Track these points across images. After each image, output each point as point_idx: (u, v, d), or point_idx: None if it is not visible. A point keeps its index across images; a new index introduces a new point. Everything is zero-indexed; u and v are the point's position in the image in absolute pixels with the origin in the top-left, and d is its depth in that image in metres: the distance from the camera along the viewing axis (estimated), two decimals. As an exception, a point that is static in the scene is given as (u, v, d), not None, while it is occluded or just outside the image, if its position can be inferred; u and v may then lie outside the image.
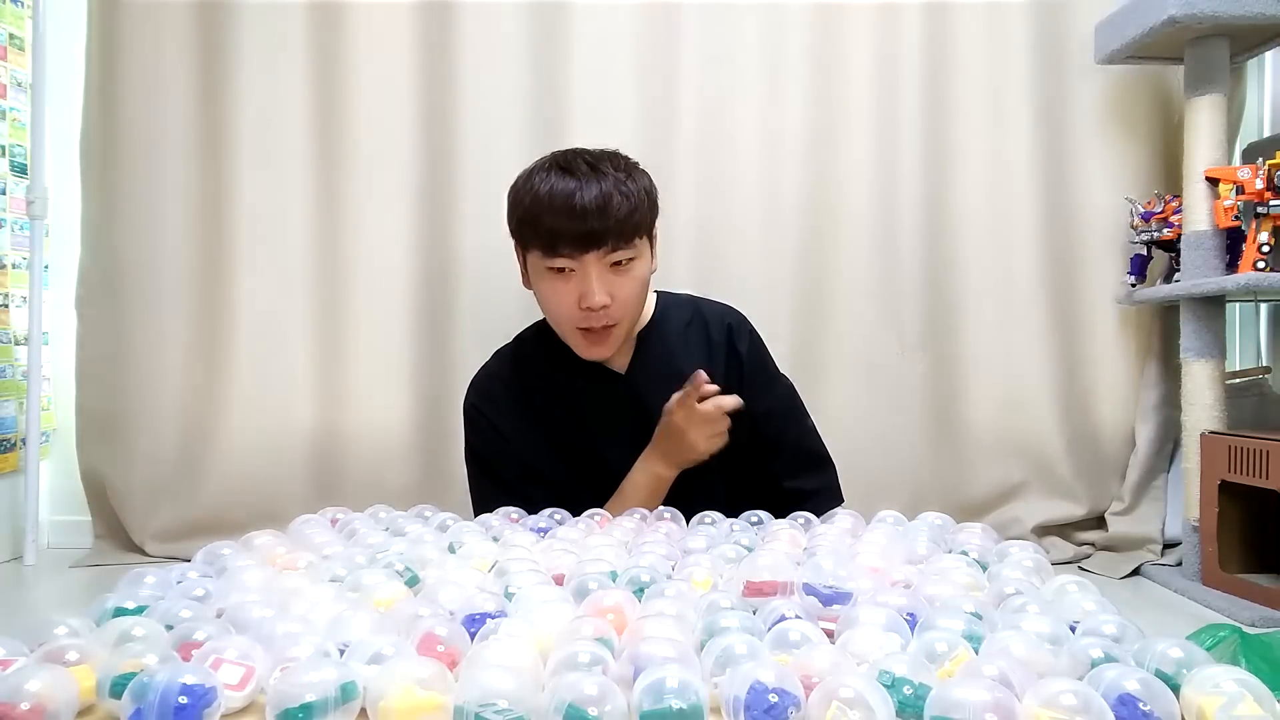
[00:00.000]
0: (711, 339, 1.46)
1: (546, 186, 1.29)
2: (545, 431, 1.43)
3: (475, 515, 1.44)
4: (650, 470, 1.37)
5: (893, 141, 1.86)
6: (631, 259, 1.32)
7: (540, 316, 1.55)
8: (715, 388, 1.31)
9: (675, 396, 1.32)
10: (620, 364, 1.45)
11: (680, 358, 1.43)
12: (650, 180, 1.37)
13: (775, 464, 1.46)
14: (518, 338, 1.54)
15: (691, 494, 1.36)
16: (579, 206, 1.25)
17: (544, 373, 1.46)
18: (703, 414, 1.31)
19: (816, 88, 1.85)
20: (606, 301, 1.30)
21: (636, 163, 1.38)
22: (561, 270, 1.31)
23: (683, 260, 1.81)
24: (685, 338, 1.46)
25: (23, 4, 1.88)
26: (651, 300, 1.48)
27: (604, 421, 1.43)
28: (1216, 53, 1.65)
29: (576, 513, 1.26)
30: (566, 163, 1.32)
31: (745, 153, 1.85)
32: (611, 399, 1.43)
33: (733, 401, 1.33)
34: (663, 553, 1.02)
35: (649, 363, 1.44)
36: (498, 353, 1.53)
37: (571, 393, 1.44)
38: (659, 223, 1.42)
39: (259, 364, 1.81)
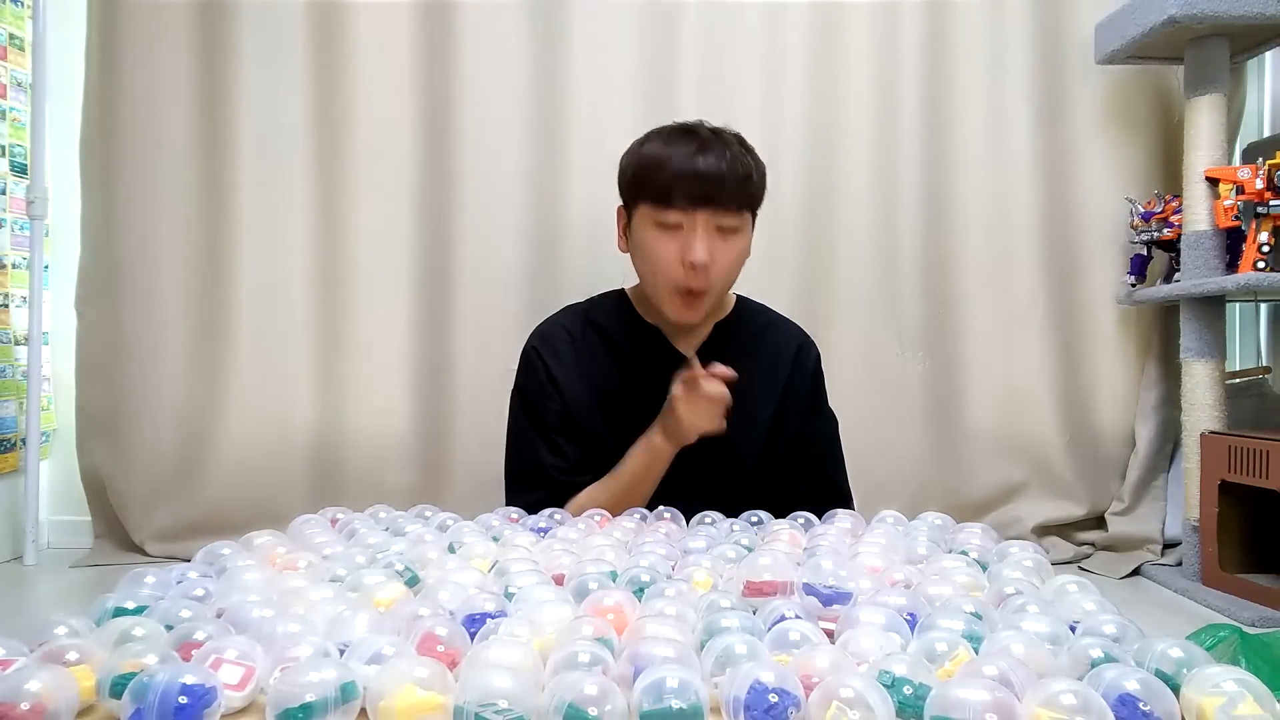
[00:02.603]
0: (780, 351, 1.48)
1: (668, 145, 1.34)
2: (596, 391, 1.43)
3: (507, 458, 1.46)
4: (649, 440, 1.37)
5: (893, 141, 1.86)
6: (737, 229, 1.35)
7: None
8: (724, 370, 1.31)
9: (680, 374, 1.32)
10: (689, 348, 1.44)
11: (748, 359, 1.43)
12: (764, 168, 1.40)
13: (800, 490, 1.45)
14: (593, 298, 1.53)
15: (720, 497, 1.35)
16: (700, 164, 1.30)
17: (612, 336, 1.46)
18: (702, 393, 1.31)
19: (816, 88, 1.85)
20: (708, 260, 1.31)
21: (753, 147, 1.41)
22: (669, 226, 1.32)
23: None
24: (755, 342, 1.47)
25: (23, 4, 1.88)
26: (731, 298, 1.50)
27: (657, 396, 1.41)
28: (1216, 53, 1.65)
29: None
30: (690, 127, 1.37)
31: (745, 153, 1.84)
32: (671, 378, 1.41)
33: (726, 371, 1.32)
34: (663, 553, 1.02)
35: (716, 354, 1.42)
36: (569, 307, 1.52)
37: (634, 361, 1.44)
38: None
39: (259, 364, 1.81)
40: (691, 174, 1.30)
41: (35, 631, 0.79)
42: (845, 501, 1.50)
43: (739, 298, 1.52)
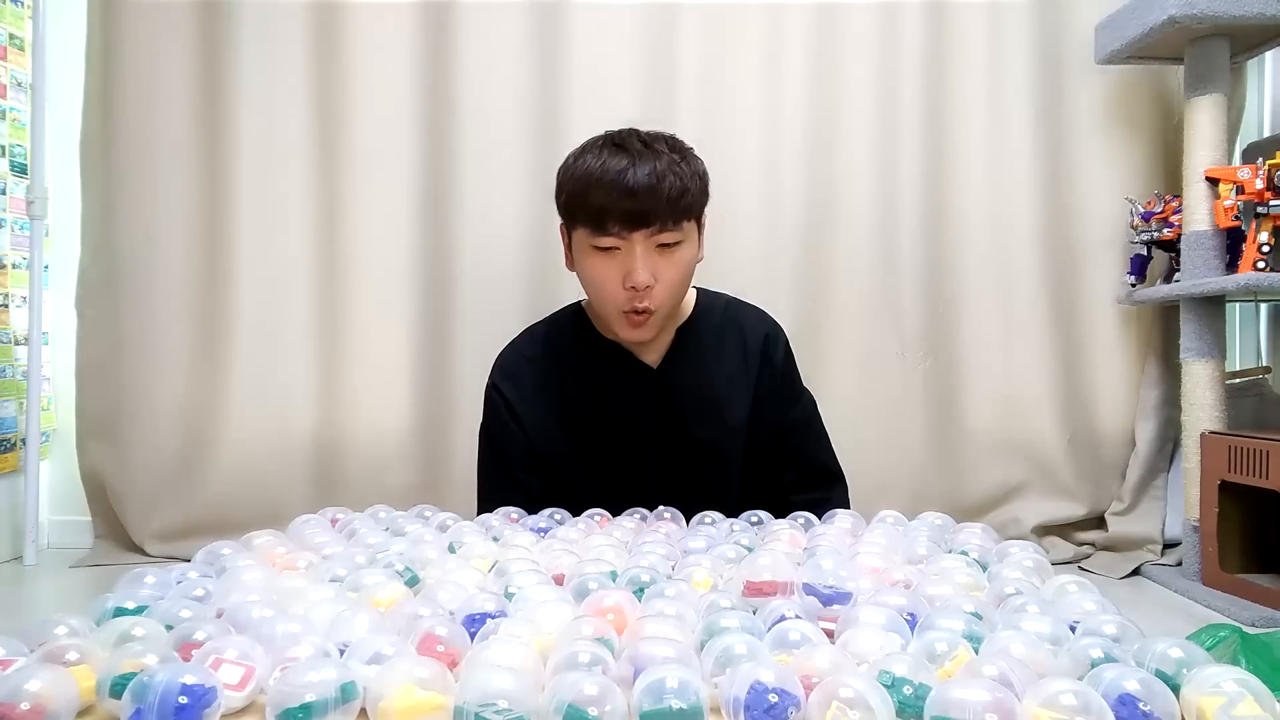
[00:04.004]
0: (747, 345, 1.44)
1: (599, 163, 1.27)
2: (563, 416, 1.41)
3: (478, 494, 1.45)
4: None
5: (893, 142, 1.86)
6: (678, 242, 1.29)
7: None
8: None
9: None
10: (653, 358, 1.42)
11: (713, 360, 1.42)
12: (704, 166, 1.34)
13: (788, 477, 1.45)
14: (551, 317, 1.50)
15: (708, 504, 1.35)
16: (630, 184, 1.23)
17: (573, 356, 1.43)
18: None
19: (816, 88, 1.85)
20: (650, 281, 1.27)
21: (691, 147, 1.35)
22: (607, 249, 1.28)
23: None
24: (720, 340, 1.44)
25: (23, 4, 1.88)
26: (691, 297, 1.46)
27: (627, 413, 1.40)
28: (1216, 53, 1.65)
29: (577, 505, 1.26)
30: (620, 140, 1.30)
31: (745, 153, 1.85)
32: (639, 392, 1.41)
33: None
34: (663, 553, 1.02)
35: (682, 360, 1.42)
36: (529, 330, 1.49)
37: (598, 380, 1.41)
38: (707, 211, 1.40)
39: (259, 364, 1.81)
40: (622, 197, 1.23)
41: (35, 631, 0.79)
42: (834, 479, 1.49)
43: (699, 292, 1.48)
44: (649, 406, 1.41)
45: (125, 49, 1.79)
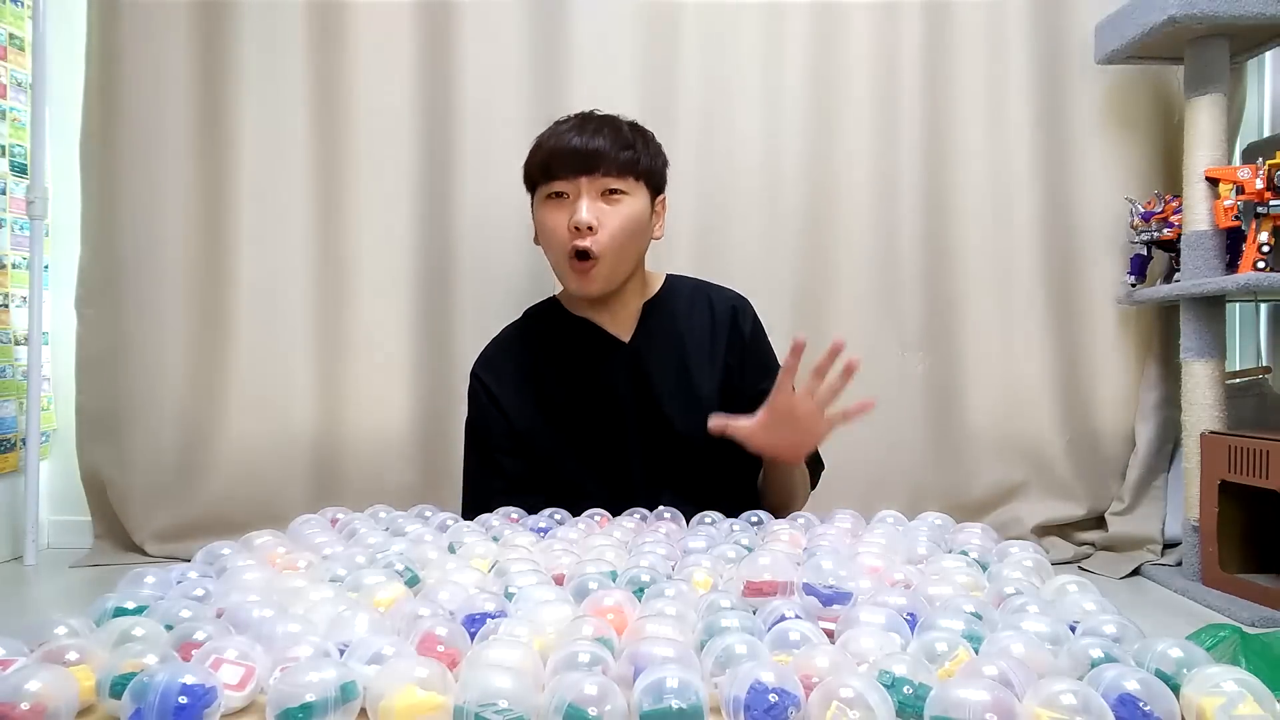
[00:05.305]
0: (715, 318, 1.49)
1: (553, 128, 1.44)
2: (541, 397, 1.46)
3: (463, 485, 1.49)
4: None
5: (893, 140, 1.86)
6: (624, 193, 1.38)
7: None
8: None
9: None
10: (624, 333, 1.47)
11: (684, 332, 1.48)
12: (660, 148, 1.47)
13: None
14: (527, 311, 1.57)
15: (687, 478, 1.36)
16: (579, 135, 1.39)
17: (549, 338, 1.49)
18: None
19: (816, 88, 1.85)
20: (593, 222, 1.35)
21: (651, 132, 1.46)
22: (558, 195, 1.39)
23: (683, 260, 1.80)
24: (690, 314, 1.50)
25: (23, 4, 1.88)
26: (660, 278, 1.53)
27: (603, 389, 1.45)
28: (1216, 53, 1.65)
29: (560, 485, 1.27)
30: (579, 114, 1.46)
31: (745, 152, 1.85)
32: (613, 366, 1.46)
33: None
34: (663, 553, 1.02)
35: (653, 334, 1.47)
36: (508, 326, 1.56)
37: (573, 357, 1.47)
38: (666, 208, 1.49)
39: (259, 363, 1.81)
40: (569, 144, 1.38)
41: (35, 631, 0.79)
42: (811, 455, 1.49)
43: (668, 276, 1.54)
44: (623, 379, 1.45)
45: (125, 48, 1.78)
